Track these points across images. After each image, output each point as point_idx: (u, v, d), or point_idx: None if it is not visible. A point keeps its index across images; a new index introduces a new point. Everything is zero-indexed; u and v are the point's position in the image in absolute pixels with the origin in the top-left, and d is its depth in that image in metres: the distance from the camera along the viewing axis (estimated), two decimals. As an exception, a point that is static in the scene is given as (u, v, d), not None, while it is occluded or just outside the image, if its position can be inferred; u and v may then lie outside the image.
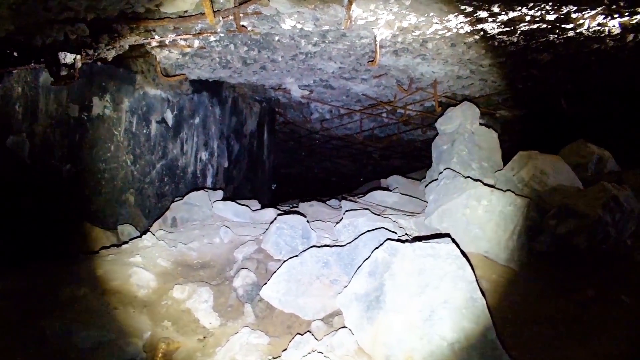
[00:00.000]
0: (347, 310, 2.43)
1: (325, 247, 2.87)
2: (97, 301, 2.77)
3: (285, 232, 3.16)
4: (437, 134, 4.33)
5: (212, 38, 3.83)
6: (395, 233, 2.93)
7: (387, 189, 4.41)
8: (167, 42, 3.84)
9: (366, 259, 2.47)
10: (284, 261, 2.85)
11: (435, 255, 2.33)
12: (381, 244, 2.44)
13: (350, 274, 2.63)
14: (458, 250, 2.35)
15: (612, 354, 2.53)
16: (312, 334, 2.49)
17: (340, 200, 4.03)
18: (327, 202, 4.32)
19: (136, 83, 4.11)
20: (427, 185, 3.60)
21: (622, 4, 3.23)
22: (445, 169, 3.56)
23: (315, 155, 7.79)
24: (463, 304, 2.20)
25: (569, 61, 4.36)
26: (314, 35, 3.74)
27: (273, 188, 7.23)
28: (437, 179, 3.56)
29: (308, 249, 2.88)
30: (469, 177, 3.39)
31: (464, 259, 2.32)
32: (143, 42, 3.67)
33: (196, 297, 2.87)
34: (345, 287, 2.50)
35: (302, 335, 2.44)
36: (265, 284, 2.78)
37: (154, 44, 3.82)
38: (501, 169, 3.75)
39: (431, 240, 2.44)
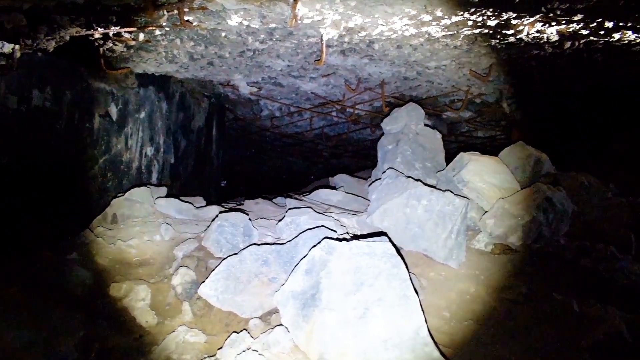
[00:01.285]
0: (283, 308, 2.44)
1: (265, 245, 2.87)
2: (29, 300, 2.69)
3: (226, 229, 3.14)
4: (383, 134, 4.39)
5: (157, 32, 3.76)
6: (335, 231, 2.95)
7: (333, 187, 4.44)
8: (110, 35, 3.75)
9: (303, 257, 2.49)
10: (223, 259, 2.84)
11: (371, 253, 2.36)
12: (319, 242, 2.45)
13: (290, 272, 2.63)
14: (393, 249, 2.39)
15: (543, 349, 2.62)
16: (249, 332, 2.48)
17: (286, 198, 4.03)
18: (273, 200, 4.31)
19: (79, 75, 3.99)
20: (370, 184, 3.64)
21: (558, 12, 3.34)
22: (388, 169, 3.61)
23: (266, 153, 7.77)
24: (397, 301, 2.24)
25: (510, 65, 4.49)
26: (261, 32, 3.73)
27: (223, 185, 7.17)
28: (380, 178, 3.60)
29: (248, 246, 2.87)
30: (410, 177, 3.44)
31: (399, 257, 2.36)
32: (85, 33, 3.57)
33: (133, 296, 2.82)
34: (283, 285, 2.51)
35: (238, 333, 2.44)
36: (204, 281, 2.76)
37: (97, 35, 3.72)
38: (443, 170, 3.83)
39: (368, 239, 2.48)
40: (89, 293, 2.90)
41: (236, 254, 2.85)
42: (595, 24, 3.49)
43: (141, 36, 3.83)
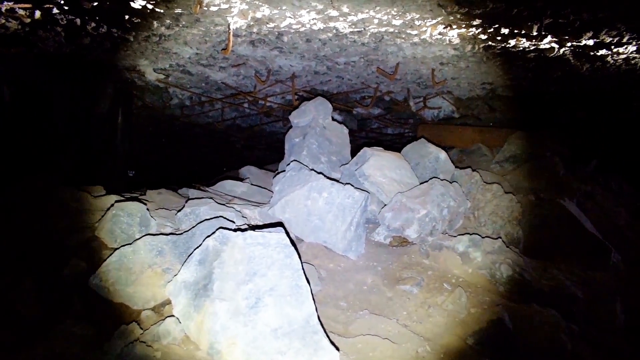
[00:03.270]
0: (175, 299, 2.40)
1: (161, 235, 2.81)
2: None
3: (121, 219, 3.03)
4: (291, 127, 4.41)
5: (55, 10, 3.58)
6: (234, 222, 2.94)
7: (240, 178, 4.41)
8: (2, 10, 3.53)
9: (197, 247, 2.46)
10: (116, 249, 2.75)
11: (265, 244, 2.37)
12: (213, 233, 2.43)
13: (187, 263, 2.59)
14: (287, 240, 2.41)
15: (434, 336, 2.74)
16: (139, 324, 2.43)
17: (189, 189, 3.95)
18: (178, 191, 4.21)
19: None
20: (274, 176, 3.65)
21: (458, 16, 3.49)
22: (292, 161, 3.64)
23: (177, 143, 7.58)
24: (288, 291, 2.27)
25: (416, 65, 4.65)
26: (166, 17, 3.63)
27: (131, 175, 6.92)
28: (285, 171, 3.62)
29: (142, 237, 2.79)
30: (313, 169, 3.48)
31: (293, 247, 2.39)
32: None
33: (20, 288, 2.67)
34: (176, 275, 2.46)
35: (127, 325, 2.37)
36: (95, 272, 2.66)
37: (-12, 12, 3.49)
38: (347, 164, 3.91)
39: (264, 230, 2.48)
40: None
41: (130, 244, 2.77)
42: (492, 29, 3.67)
43: (37, 13, 3.62)
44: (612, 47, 3.90)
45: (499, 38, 3.83)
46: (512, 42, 3.90)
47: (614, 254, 3.97)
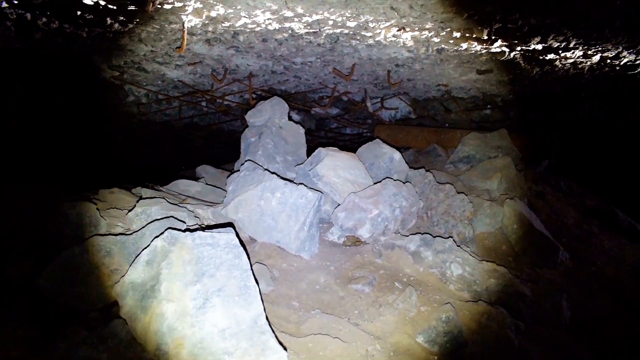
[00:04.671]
0: (123, 300, 2.37)
1: (110, 236, 2.76)
2: None
3: (71, 219, 2.98)
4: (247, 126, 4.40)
5: (4, 4, 3.49)
6: (184, 222, 2.92)
7: (195, 178, 4.38)
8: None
9: (145, 248, 2.43)
10: (64, 249, 2.69)
11: (214, 244, 2.37)
12: (161, 233, 2.41)
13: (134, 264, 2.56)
14: (237, 240, 2.41)
15: (384, 334, 2.78)
16: (85, 325, 2.39)
17: (142, 188, 3.89)
18: (132, 190, 4.15)
19: None
20: (228, 176, 3.64)
21: (411, 19, 3.54)
22: (246, 161, 3.63)
23: (134, 141, 7.46)
24: (237, 291, 2.27)
25: (372, 66, 4.69)
26: (120, 14, 3.58)
27: (85, 173, 6.80)
28: (239, 170, 3.61)
29: (91, 237, 2.75)
30: (267, 169, 3.49)
31: (241, 248, 2.39)
32: None
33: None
34: (123, 276, 2.44)
35: (73, 326, 2.33)
36: (41, 273, 2.61)
37: None
38: (302, 163, 3.92)
39: (213, 230, 2.48)
40: None
41: (78, 244, 2.72)
42: (444, 33, 3.74)
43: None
44: (560, 51, 4.03)
45: (451, 41, 3.90)
46: (465, 46, 3.98)
47: (562, 252, 4.10)
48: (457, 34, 3.75)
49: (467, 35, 3.75)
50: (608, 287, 4.13)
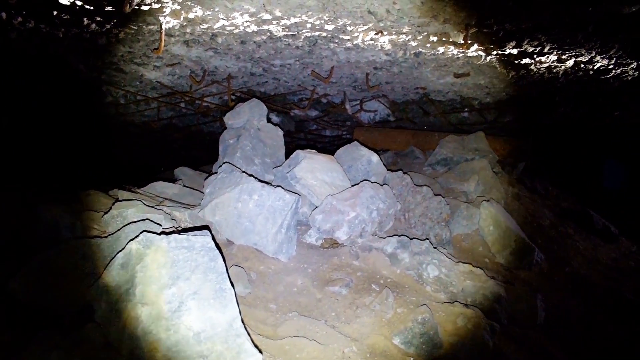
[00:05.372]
0: (97, 304, 2.35)
1: (84, 239, 2.74)
2: None
3: (46, 221, 2.95)
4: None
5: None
6: (160, 225, 2.90)
7: (174, 180, 4.35)
8: None
9: (120, 251, 2.42)
10: (39, 252, 2.66)
11: (190, 247, 2.36)
12: (137, 236, 2.40)
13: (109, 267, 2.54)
14: (213, 243, 2.41)
15: (361, 336, 2.79)
16: (59, 329, 2.36)
17: (119, 190, 3.86)
18: (109, 192, 4.11)
19: None
20: (206, 178, 3.63)
21: (388, 23, 3.57)
22: (224, 163, 3.62)
23: (112, 143, 7.40)
24: (212, 294, 2.26)
25: (350, 69, 4.72)
26: (96, 14, 3.55)
27: (62, 175, 6.72)
28: (216, 172, 3.60)
29: (66, 239, 2.72)
30: (244, 172, 3.48)
31: (217, 251, 2.39)
32: None
33: None
34: (97, 279, 2.42)
35: (46, 330, 2.31)
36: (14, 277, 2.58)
37: None
38: (280, 166, 3.93)
39: (189, 233, 2.47)
40: None
41: (53, 247, 2.69)
42: (421, 37, 3.77)
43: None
44: (535, 56, 4.09)
45: (428, 45, 3.94)
46: (441, 50, 4.02)
47: (538, 253, 4.16)
48: (434, 38, 3.78)
49: (443, 39, 3.79)
50: (582, 288, 4.20)
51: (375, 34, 3.75)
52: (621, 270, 4.84)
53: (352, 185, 3.76)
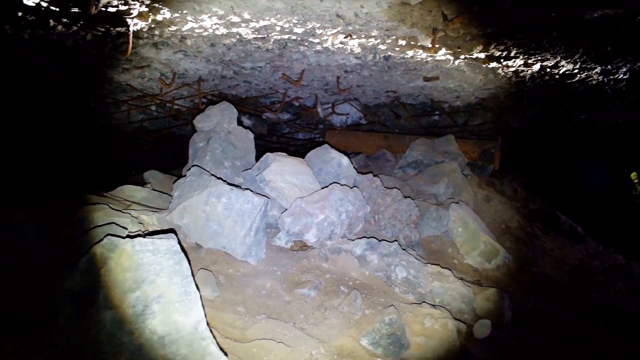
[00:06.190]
0: (61, 309, 2.32)
1: (49, 243, 2.70)
2: None
3: (9, 226, 2.89)
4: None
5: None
6: (126, 229, 2.88)
7: (143, 183, 4.31)
8: None
9: (84, 255, 2.39)
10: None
11: (155, 250, 2.34)
12: (101, 240, 2.38)
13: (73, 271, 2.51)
14: (178, 246, 2.40)
15: (329, 338, 2.80)
16: (22, 336, 2.32)
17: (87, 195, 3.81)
18: (76, 197, 4.06)
19: None
20: (174, 181, 3.60)
21: (357, 27, 3.60)
22: (192, 166, 3.60)
23: (80, 146, 7.28)
24: (177, 297, 2.25)
25: (321, 72, 4.74)
26: (63, 16, 3.51)
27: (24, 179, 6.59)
28: (185, 175, 3.58)
29: (31, 244, 2.68)
30: (213, 175, 3.47)
31: (182, 254, 2.38)
32: None
33: None
34: (61, 284, 2.38)
35: (8, 336, 2.27)
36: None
37: None
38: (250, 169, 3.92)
39: (155, 236, 2.45)
40: None
41: (15, 252, 2.65)
42: (390, 40, 3.81)
43: None
44: (502, 60, 4.16)
45: (397, 49, 3.98)
46: (410, 53, 4.07)
47: (505, 254, 4.22)
48: (402, 42, 3.83)
49: (412, 43, 3.84)
50: (549, 288, 4.28)
51: (345, 37, 3.78)
52: (587, 270, 4.95)
53: (322, 188, 3.77)
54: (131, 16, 3.47)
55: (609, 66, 4.43)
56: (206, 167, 3.71)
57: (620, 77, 4.72)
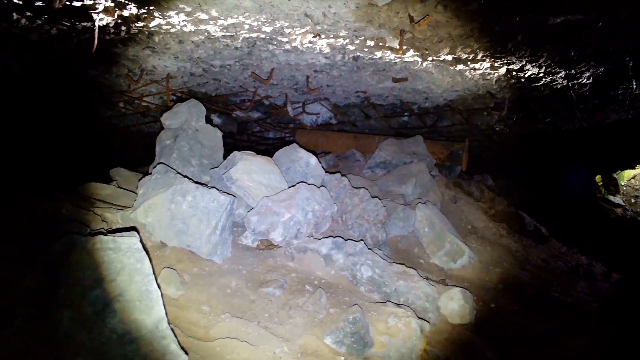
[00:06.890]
0: (19, 308, 2.28)
1: (9, 241, 2.65)
2: None
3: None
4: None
5: None
6: (89, 226, 2.84)
7: (108, 181, 4.25)
8: None
9: (44, 253, 2.35)
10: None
11: (116, 248, 2.32)
12: (61, 237, 2.34)
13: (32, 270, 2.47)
14: (140, 244, 2.38)
15: (293, 336, 2.81)
16: (-24, 335, 2.28)
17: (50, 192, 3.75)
18: (39, 194, 3.98)
19: None
20: (140, 179, 3.56)
21: (325, 27, 3.61)
22: (158, 164, 3.57)
23: (47, 143, 7.14)
24: (138, 296, 2.23)
25: (291, 71, 4.74)
26: (26, 9, 3.44)
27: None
28: (151, 173, 3.55)
29: (-14, 242, 2.63)
30: (179, 172, 3.45)
31: (144, 252, 2.36)
32: None
33: None
34: (20, 282, 2.34)
35: (-38, 336, 2.22)
36: None
37: None
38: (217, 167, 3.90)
39: (116, 234, 2.43)
40: None
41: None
42: (358, 41, 3.83)
43: None
44: (469, 63, 4.22)
45: (366, 49, 4.01)
46: (379, 54, 4.10)
47: (471, 254, 4.28)
48: (370, 43, 3.85)
49: (380, 44, 3.87)
50: (513, 287, 4.35)
51: (313, 36, 3.79)
52: (550, 270, 5.04)
53: (289, 187, 3.78)
54: (97, 11, 3.41)
55: (572, 70, 4.54)
56: (173, 165, 3.68)
57: (584, 81, 4.84)
